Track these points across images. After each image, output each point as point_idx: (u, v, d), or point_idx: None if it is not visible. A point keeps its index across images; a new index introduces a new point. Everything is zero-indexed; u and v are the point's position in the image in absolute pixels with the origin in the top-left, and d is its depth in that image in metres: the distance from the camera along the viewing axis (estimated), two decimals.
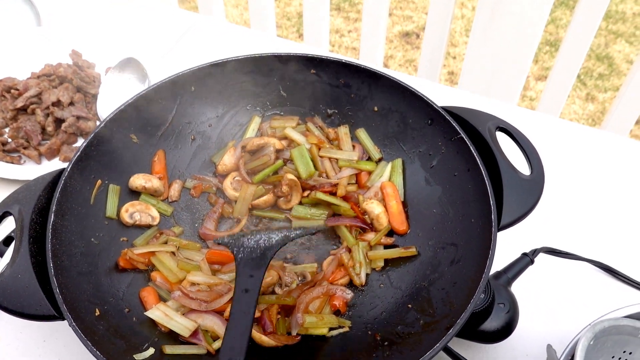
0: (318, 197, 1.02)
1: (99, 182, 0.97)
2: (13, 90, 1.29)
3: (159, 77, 1.07)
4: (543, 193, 0.88)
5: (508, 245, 0.98)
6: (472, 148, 0.92)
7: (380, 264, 0.97)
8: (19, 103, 1.26)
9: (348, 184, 1.06)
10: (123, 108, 1.00)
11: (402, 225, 1.00)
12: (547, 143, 1.21)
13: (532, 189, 0.88)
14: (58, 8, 1.65)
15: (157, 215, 1.01)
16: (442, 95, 1.37)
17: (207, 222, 1.03)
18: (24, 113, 1.28)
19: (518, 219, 0.86)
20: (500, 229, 0.84)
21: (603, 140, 1.30)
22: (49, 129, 1.25)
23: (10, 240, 0.87)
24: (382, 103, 1.07)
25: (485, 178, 0.88)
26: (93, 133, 0.96)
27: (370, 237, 1.00)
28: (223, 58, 1.06)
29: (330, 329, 0.89)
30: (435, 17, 1.90)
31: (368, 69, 1.05)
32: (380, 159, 1.08)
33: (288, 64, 1.08)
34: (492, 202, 0.86)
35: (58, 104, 1.27)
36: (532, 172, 0.91)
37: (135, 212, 0.99)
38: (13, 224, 0.85)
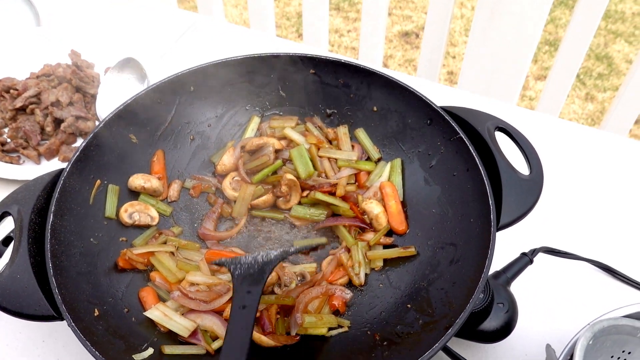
0: (317, 197, 1.02)
1: (98, 182, 0.97)
2: (12, 90, 1.28)
3: (158, 77, 1.07)
4: (542, 193, 0.89)
5: (507, 245, 0.98)
6: (471, 148, 0.92)
7: (380, 264, 0.97)
8: (18, 103, 1.26)
9: (347, 184, 1.06)
10: (122, 108, 1.00)
11: (401, 225, 1.00)
12: (546, 143, 1.21)
13: (531, 189, 0.88)
14: (57, 8, 1.65)
15: (156, 216, 1.01)
16: (441, 95, 1.37)
17: (206, 222, 1.03)
18: (23, 113, 1.28)
19: (517, 219, 0.86)
20: (499, 229, 0.85)
21: (602, 140, 1.30)
22: (48, 129, 1.25)
23: (10, 241, 0.87)
24: (381, 103, 1.07)
25: (485, 178, 0.88)
26: (92, 133, 0.96)
27: (370, 237, 1.00)
28: (222, 58, 1.06)
29: (330, 329, 0.89)
30: (435, 16, 1.90)
31: (367, 69, 1.05)
32: (380, 159, 1.08)
33: (287, 64, 1.08)
34: (491, 202, 0.86)
35: (57, 104, 1.27)
36: (531, 172, 0.91)
37: (135, 212, 0.99)
38: (12, 224, 0.85)
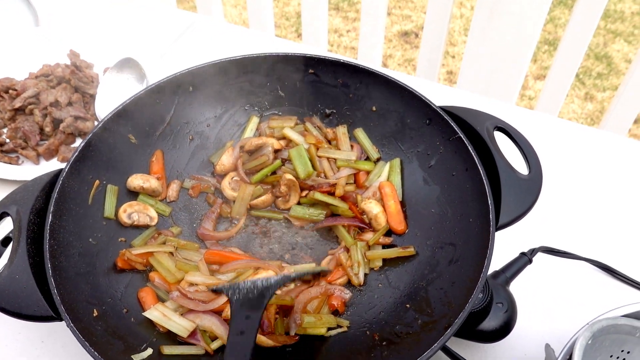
0: (316, 197, 1.02)
1: (97, 182, 0.97)
2: (11, 91, 1.28)
3: (157, 77, 1.07)
4: (541, 192, 0.88)
5: (506, 245, 0.98)
6: (470, 148, 0.92)
7: (379, 264, 0.97)
8: (17, 103, 1.26)
9: (346, 184, 1.06)
10: (121, 108, 1.00)
11: (400, 225, 1.00)
12: (545, 142, 1.21)
13: (530, 189, 0.88)
14: (56, 8, 1.65)
15: (155, 216, 1.01)
16: (440, 95, 1.37)
17: (205, 222, 1.03)
18: (22, 113, 1.28)
19: (516, 219, 0.86)
20: (499, 229, 0.84)
21: (602, 140, 1.30)
22: (47, 130, 1.25)
23: (8, 241, 0.87)
24: (380, 103, 1.07)
25: (484, 178, 0.88)
26: (91, 133, 0.95)
27: (369, 236, 1.00)
28: (221, 58, 1.06)
29: (329, 329, 0.89)
30: (434, 16, 1.90)
31: (366, 69, 1.05)
32: (379, 159, 1.08)
33: (286, 64, 1.08)
34: (490, 201, 0.86)
35: (56, 104, 1.27)
36: (530, 171, 0.91)
37: (134, 212, 0.99)
38: (11, 225, 0.85)
